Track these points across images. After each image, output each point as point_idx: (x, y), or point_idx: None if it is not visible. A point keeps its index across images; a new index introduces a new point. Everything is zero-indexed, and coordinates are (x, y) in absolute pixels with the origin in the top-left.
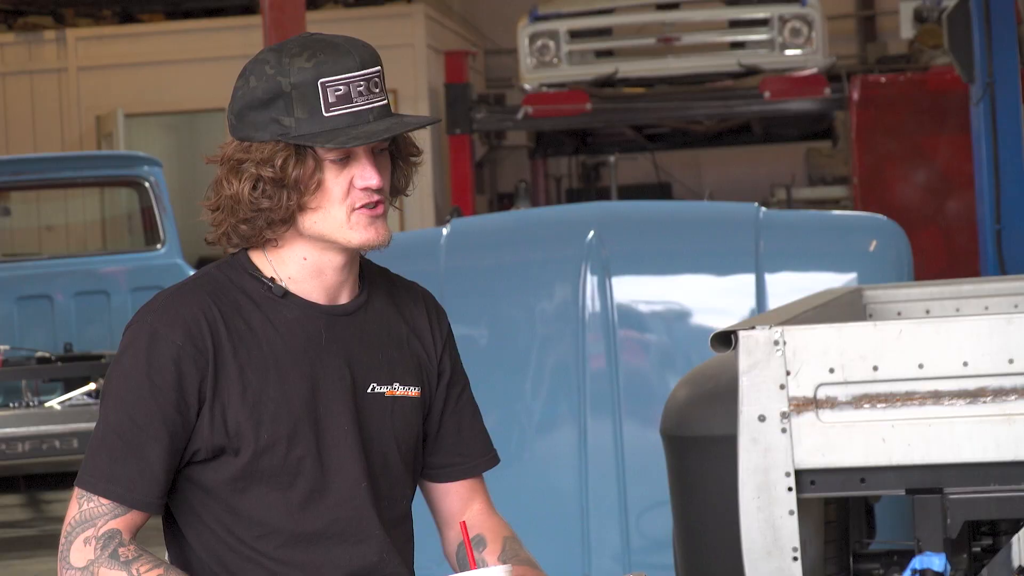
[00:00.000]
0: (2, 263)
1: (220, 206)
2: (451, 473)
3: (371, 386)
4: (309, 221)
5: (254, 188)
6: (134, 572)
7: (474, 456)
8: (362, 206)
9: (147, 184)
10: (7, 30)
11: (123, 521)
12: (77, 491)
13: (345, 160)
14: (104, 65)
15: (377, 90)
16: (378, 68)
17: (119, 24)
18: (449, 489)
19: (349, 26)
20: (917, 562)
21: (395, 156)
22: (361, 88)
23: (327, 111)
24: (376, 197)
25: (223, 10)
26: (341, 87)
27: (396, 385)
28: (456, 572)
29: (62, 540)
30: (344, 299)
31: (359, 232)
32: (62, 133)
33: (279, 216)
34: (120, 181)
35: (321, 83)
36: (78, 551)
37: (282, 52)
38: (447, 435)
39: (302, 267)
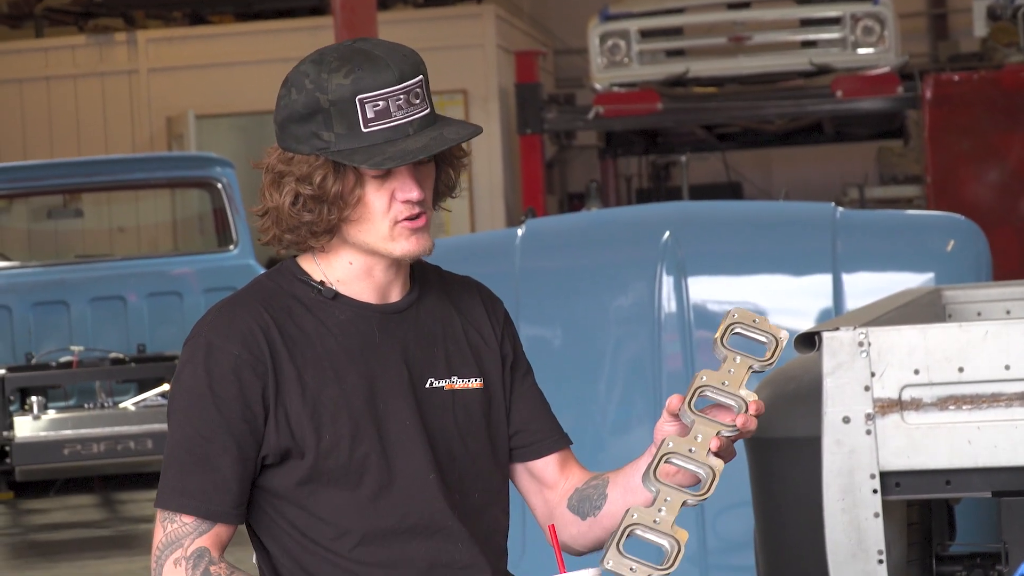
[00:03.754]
0: (75, 264)
1: (267, 212)
2: (532, 451)
3: (428, 381)
4: (353, 231)
5: (294, 203)
6: None
7: (555, 433)
8: (404, 219)
9: (220, 185)
10: (78, 32)
11: (209, 538)
12: (159, 514)
13: (386, 175)
14: (174, 67)
15: (418, 101)
16: (419, 78)
17: (189, 26)
18: (537, 465)
19: (419, 27)
20: None
21: (440, 160)
22: (400, 102)
23: (366, 127)
24: (417, 210)
25: (293, 11)
26: (380, 102)
27: (455, 379)
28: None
29: (152, 565)
30: (395, 297)
31: (401, 244)
32: (133, 135)
33: (321, 228)
34: (193, 182)
35: (359, 99)
36: (170, 574)
37: (321, 65)
38: (521, 416)
39: (349, 270)
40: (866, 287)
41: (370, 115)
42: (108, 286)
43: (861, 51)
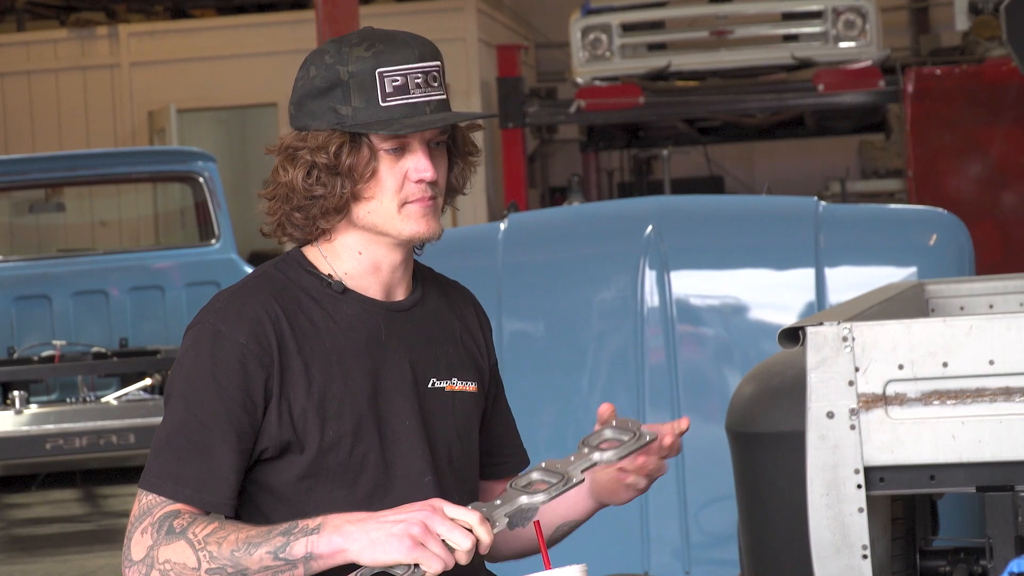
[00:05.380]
0: (57, 258)
1: (276, 195)
2: (499, 471)
3: (431, 381)
4: (362, 211)
5: (308, 175)
6: (191, 537)
7: (517, 454)
8: (414, 200)
9: (201, 179)
10: (60, 26)
11: (181, 505)
12: (139, 493)
13: (400, 151)
14: (156, 61)
15: (436, 84)
16: (438, 63)
17: (171, 20)
18: (494, 486)
19: (401, 20)
20: (1015, 565)
21: (453, 154)
22: (419, 80)
23: (384, 100)
24: (430, 192)
25: (275, 5)
26: (399, 78)
27: (455, 380)
28: None
29: (125, 542)
30: (400, 295)
31: (409, 224)
32: (115, 129)
33: (333, 204)
34: (175, 176)
35: (379, 72)
36: (137, 544)
37: (342, 42)
38: (495, 434)
39: (358, 262)
40: (849, 281)
41: (389, 89)
42: (90, 280)
43: (842, 45)
